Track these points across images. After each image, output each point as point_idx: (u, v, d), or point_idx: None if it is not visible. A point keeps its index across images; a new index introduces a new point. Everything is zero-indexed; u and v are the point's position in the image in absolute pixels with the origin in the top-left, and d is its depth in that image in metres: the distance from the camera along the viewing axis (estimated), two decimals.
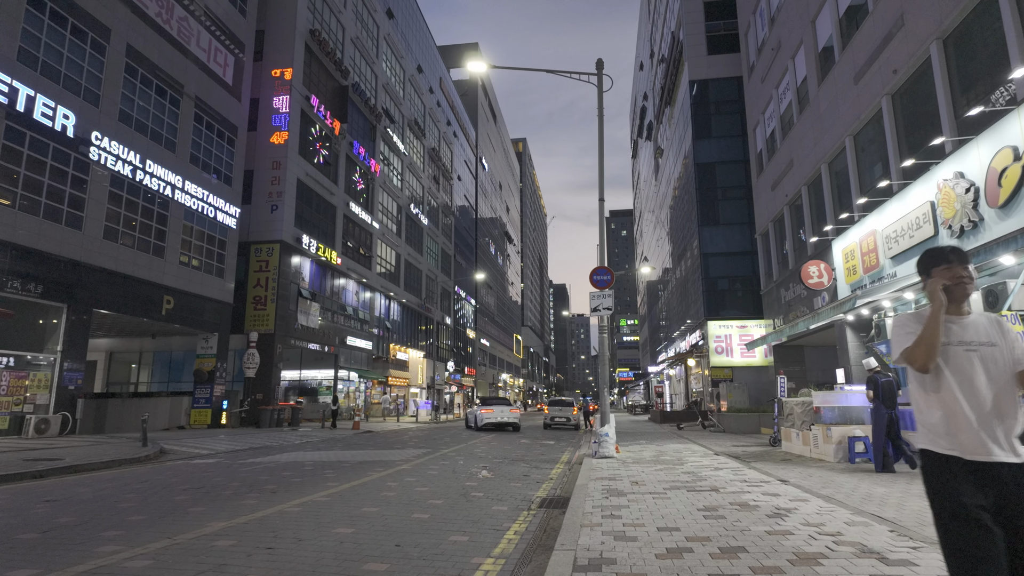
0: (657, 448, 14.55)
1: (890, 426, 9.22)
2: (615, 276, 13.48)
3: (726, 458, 11.86)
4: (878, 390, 9.39)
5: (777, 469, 9.90)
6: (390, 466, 11.49)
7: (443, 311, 55.64)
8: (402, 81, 47.01)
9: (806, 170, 17.57)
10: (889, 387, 9.42)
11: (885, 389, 9.39)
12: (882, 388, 9.42)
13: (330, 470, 10.88)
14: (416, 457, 13.22)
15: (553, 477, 10.19)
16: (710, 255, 27.41)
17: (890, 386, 9.43)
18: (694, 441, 16.93)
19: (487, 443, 17.64)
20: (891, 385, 9.45)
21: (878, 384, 9.45)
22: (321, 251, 31.17)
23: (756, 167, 23.16)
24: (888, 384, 9.46)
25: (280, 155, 29.14)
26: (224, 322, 25.62)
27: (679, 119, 32.45)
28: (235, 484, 9.04)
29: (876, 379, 9.52)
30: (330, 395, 33.79)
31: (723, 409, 23.08)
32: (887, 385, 9.43)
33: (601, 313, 13.27)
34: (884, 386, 9.43)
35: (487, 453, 14.29)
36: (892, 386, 9.44)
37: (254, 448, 16.09)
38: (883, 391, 9.39)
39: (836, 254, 15.35)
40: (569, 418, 26.23)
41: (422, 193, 50.86)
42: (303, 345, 30.00)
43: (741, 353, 25.86)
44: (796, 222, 19.20)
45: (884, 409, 9.24)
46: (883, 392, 9.38)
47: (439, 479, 9.66)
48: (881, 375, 9.60)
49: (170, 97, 22.63)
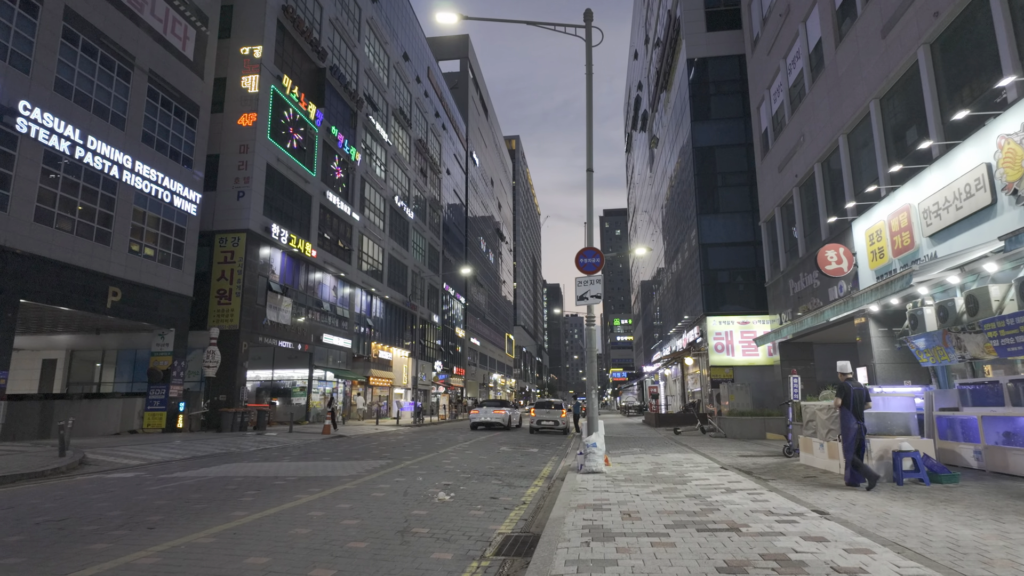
0: (653, 459, 12.60)
1: (859, 438, 8.41)
2: (605, 260, 11.52)
3: (736, 473, 9.92)
4: (848, 398, 8.56)
5: (805, 492, 7.96)
6: (332, 484, 9.49)
7: (430, 309, 53.60)
8: (386, 68, 44.97)
9: (820, 145, 15.67)
10: (860, 397, 8.57)
11: (856, 398, 8.53)
12: (852, 397, 8.55)
13: (254, 490, 8.88)
14: (371, 471, 11.22)
15: (527, 500, 8.23)
16: (709, 246, 25.49)
17: (860, 396, 8.58)
18: (694, 449, 14.99)
19: (462, 451, 15.65)
20: (861, 395, 8.60)
21: (848, 391, 8.59)
22: (294, 242, 29.10)
23: (760, 148, 21.27)
24: (859, 394, 8.59)
25: (248, 138, 27.06)
26: (182, 317, 23.52)
27: (676, 103, 30.57)
28: (115, 513, 7.03)
29: (847, 386, 8.66)
30: (304, 396, 31.79)
31: (724, 412, 21.18)
32: (858, 394, 8.57)
33: (589, 301, 11.31)
34: (855, 395, 8.56)
35: (457, 465, 12.31)
36: (862, 396, 8.59)
37: (197, 457, 14.08)
38: (853, 400, 8.53)
39: (858, 236, 13.45)
40: (557, 421, 24.27)
41: (408, 186, 48.82)
42: (273, 343, 27.92)
43: (743, 351, 23.96)
44: (808, 205, 17.31)
45: (855, 421, 8.40)
46: (853, 401, 8.53)
47: (381, 505, 7.67)
48: (853, 383, 8.72)
49: (118, 69, 20.54)
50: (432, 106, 57.33)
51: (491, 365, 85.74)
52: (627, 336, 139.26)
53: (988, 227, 8.99)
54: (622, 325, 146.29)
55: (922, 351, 10.64)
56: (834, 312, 11.70)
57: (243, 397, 25.73)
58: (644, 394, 56.97)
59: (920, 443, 8.48)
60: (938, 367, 10.96)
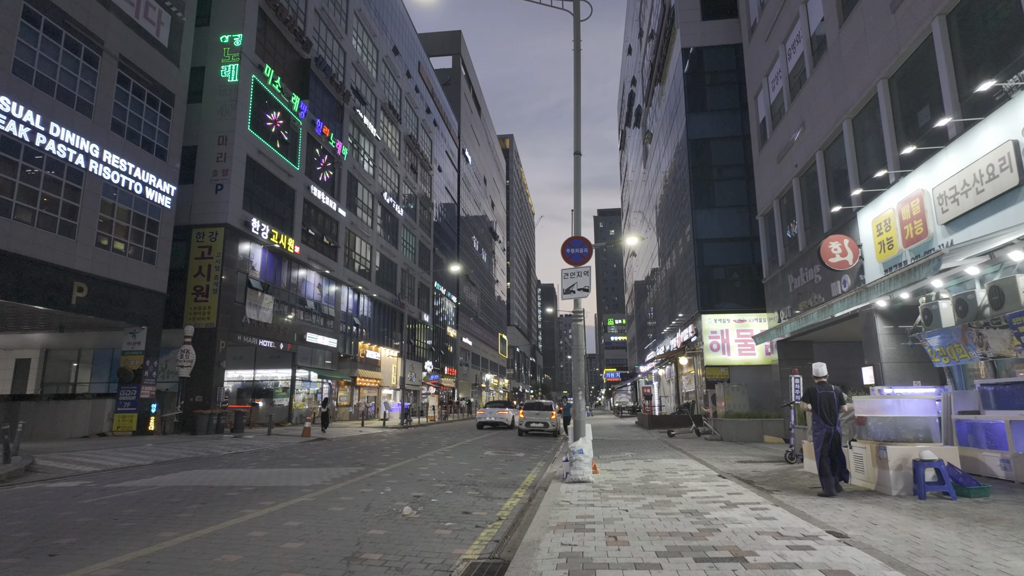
0: (645, 465, 11.71)
1: (834, 443, 8.09)
2: (593, 250, 10.63)
3: (736, 483, 9.03)
4: (816, 403, 8.32)
5: (815, 507, 7.08)
6: (289, 496, 8.55)
7: (421, 308, 52.61)
8: (375, 61, 43.96)
9: (822, 131, 14.83)
10: (828, 400, 8.30)
11: (823, 402, 8.28)
12: (820, 401, 8.30)
13: (199, 503, 7.93)
14: (337, 480, 10.28)
15: (503, 515, 7.31)
16: (704, 241, 24.62)
17: (829, 399, 8.31)
18: (689, 454, 14.11)
19: (442, 457, 14.73)
20: (830, 398, 8.32)
21: (816, 396, 8.36)
22: (276, 238, 28.09)
23: (758, 139, 20.43)
24: (827, 397, 8.32)
25: (227, 129, 26.04)
26: (155, 314, 22.50)
27: (670, 95, 29.71)
28: (23, 535, 6.08)
29: (814, 390, 8.44)
30: (287, 397, 30.79)
31: (719, 413, 20.33)
32: (825, 398, 8.30)
33: (576, 295, 10.41)
34: (822, 399, 8.30)
35: (434, 473, 11.39)
36: (832, 399, 8.31)
37: (160, 463, 13.14)
38: (820, 404, 8.29)
39: (863, 227, 12.60)
40: (547, 423, 23.34)
41: (398, 182, 47.82)
42: (253, 342, 26.91)
43: (739, 350, 23.11)
44: (808, 196, 16.47)
45: (824, 424, 8.15)
46: (820, 406, 8.29)
47: (336, 523, 6.74)
48: (821, 386, 8.45)
49: (85, 53, 19.51)
50: (423, 102, 56.33)
51: (484, 365, 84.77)
52: (621, 336, 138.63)
53: (1014, 211, 8.15)
54: (616, 325, 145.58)
55: (936, 349, 9.78)
56: (844, 305, 10.83)
57: (221, 398, 24.71)
58: (637, 395, 56.15)
59: (943, 451, 7.61)
60: (954, 366, 10.13)
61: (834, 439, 8.12)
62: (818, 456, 8.08)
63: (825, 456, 8.01)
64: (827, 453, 8.05)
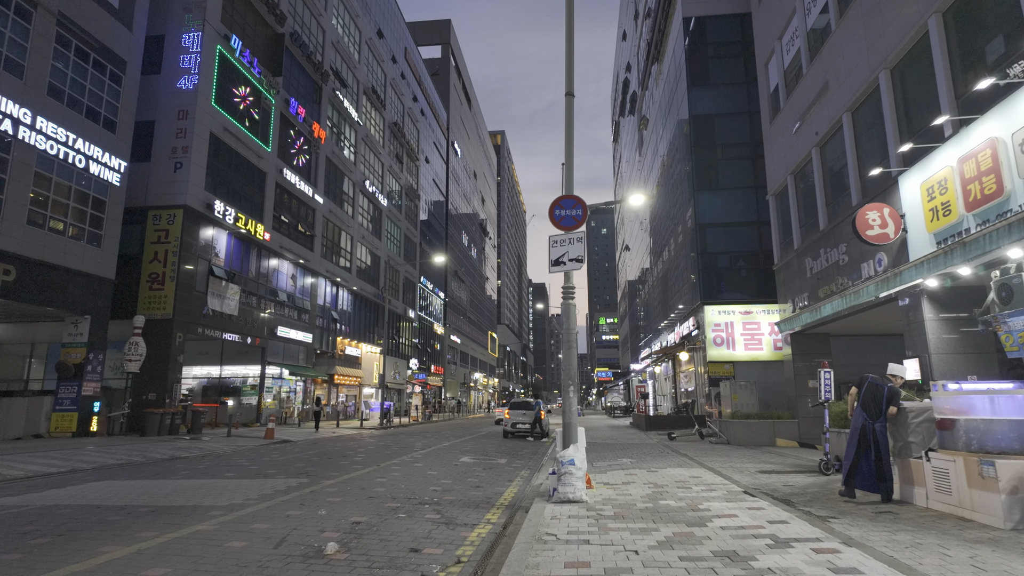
0: (650, 477, 9.69)
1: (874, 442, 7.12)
2: (587, 212, 8.60)
3: (771, 504, 7.02)
4: (861, 390, 7.49)
5: (905, 548, 5.07)
6: (189, 521, 6.48)
7: (406, 303, 50.43)
8: (357, 43, 41.76)
9: (851, 89, 12.88)
10: (874, 391, 7.35)
11: (868, 391, 7.37)
12: (866, 389, 7.43)
13: (60, 532, 5.84)
14: (266, 497, 8.21)
15: (464, 556, 5.27)
16: (708, 226, 22.64)
17: (875, 389, 7.35)
18: (699, 461, 12.11)
19: (410, 464, 12.66)
20: (877, 388, 7.35)
21: (863, 381, 7.53)
22: (243, 223, 25.88)
23: (769, 110, 18.48)
24: (874, 387, 7.37)
25: (188, 103, 23.82)
26: (101, 303, 20.28)
27: (669, 71, 27.73)
28: None
29: (865, 377, 7.60)
30: (254, 395, 28.58)
31: (725, 414, 18.39)
32: (871, 388, 7.37)
33: (567, 267, 8.38)
34: (868, 387, 7.42)
35: (392, 487, 9.32)
36: (880, 391, 7.31)
37: (76, 471, 11.01)
38: (865, 392, 7.40)
39: (908, 193, 10.64)
40: (534, 424, 21.29)
41: (381, 171, 45.63)
42: (216, 335, 24.71)
43: (745, 344, 21.17)
44: (830, 167, 14.53)
45: (862, 416, 7.30)
46: (864, 395, 7.41)
47: (221, 569, 4.67)
48: (879, 377, 7.45)
49: (16, 6, 17.30)
50: (409, 89, 54.13)
51: (473, 364, 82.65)
52: (613, 335, 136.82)
53: None
54: (608, 324, 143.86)
55: (1018, 334, 7.82)
56: (904, 278, 8.85)
57: (177, 396, 22.52)
58: (630, 394, 54.23)
59: None
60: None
61: (873, 437, 7.14)
62: (848, 450, 7.26)
63: (859, 454, 7.17)
64: (861, 451, 7.18)
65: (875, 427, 7.42)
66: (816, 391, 17.07)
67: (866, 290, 10.29)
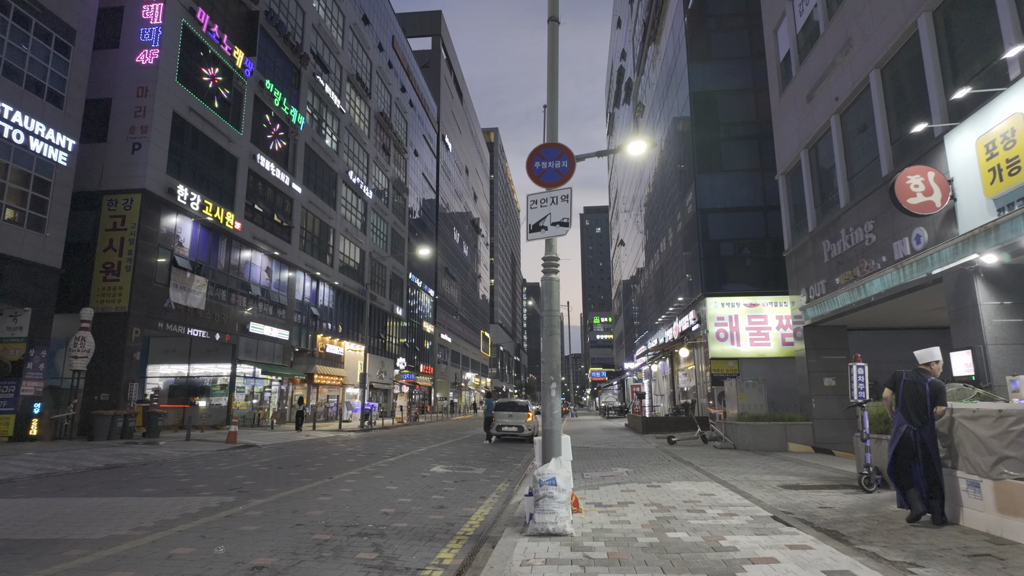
0: (652, 495, 7.96)
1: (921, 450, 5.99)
2: (575, 165, 6.88)
3: (817, 538, 5.31)
4: (897, 391, 6.31)
5: None
6: (31, 567, 4.71)
7: (393, 300, 48.59)
8: (340, 27, 39.92)
9: (880, 43, 11.21)
10: (913, 391, 6.14)
11: (906, 392, 6.19)
12: (903, 389, 6.23)
13: None
14: (168, 523, 6.44)
15: None
16: (710, 211, 20.92)
17: (915, 390, 6.14)
18: (707, 472, 10.39)
19: (369, 476, 10.89)
20: (916, 389, 6.13)
21: (898, 383, 6.32)
22: (209, 210, 24.04)
23: (779, 81, 16.80)
24: (912, 387, 6.17)
25: (148, 79, 21.97)
26: (45, 294, 18.42)
27: (667, 51, 26.03)
28: None
29: (899, 375, 6.37)
30: (225, 395, 26.73)
31: (730, 415, 16.71)
32: (910, 388, 6.18)
33: (549, 232, 6.66)
34: (906, 387, 6.22)
35: (331, 509, 7.57)
36: (920, 389, 6.10)
37: None
38: (904, 393, 6.21)
39: (957, 152, 8.96)
40: (522, 427, 19.54)
41: (367, 162, 43.78)
42: (179, 331, 22.85)
43: (751, 339, 19.49)
44: (853, 136, 12.86)
45: (903, 422, 6.14)
46: (904, 395, 6.21)
47: None
48: (914, 373, 6.24)
49: None
50: (397, 79, 52.30)
51: (464, 363, 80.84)
52: (607, 335, 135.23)
53: None
54: (602, 324, 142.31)
55: None
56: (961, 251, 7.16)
57: (133, 396, 20.67)
58: (625, 394, 52.55)
59: None
60: None
61: (922, 446, 5.98)
62: (889, 459, 6.20)
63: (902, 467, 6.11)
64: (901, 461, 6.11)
65: (922, 435, 6.05)
66: (837, 388, 15.45)
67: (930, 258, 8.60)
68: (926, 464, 5.98)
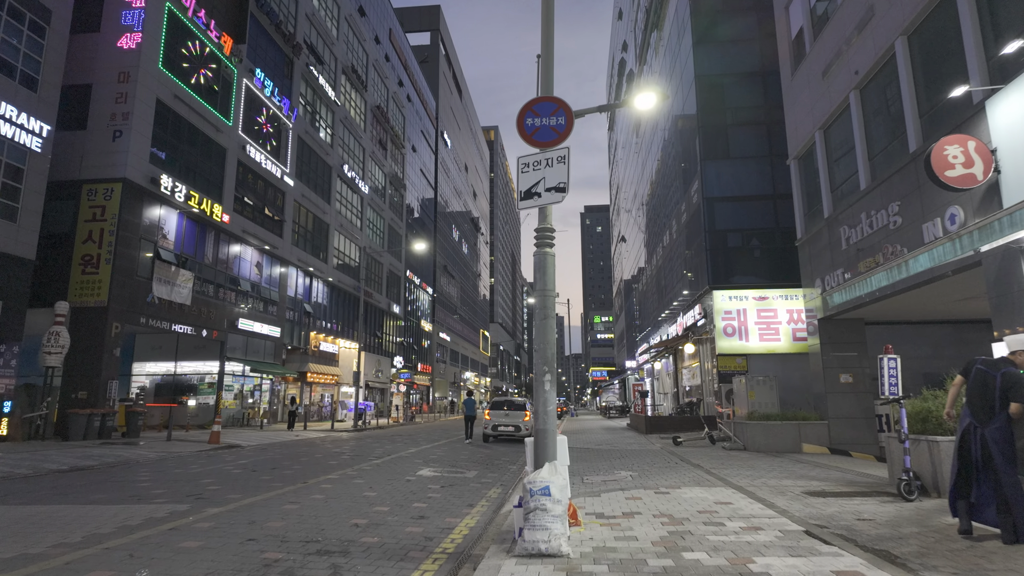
0: (661, 504, 7.02)
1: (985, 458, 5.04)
2: (573, 121, 5.95)
3: (869, 562, 4.38)
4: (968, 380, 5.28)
5: None
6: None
7: (390, 298, 47.65)
8: (335, 18, 38.99)
9: (908, 6, 10.27)
10: (982, 380, 5.15)
11: (975, 381, 5.20)
12: (973, 378, 5.25)
13: None
14: (97, 539, 5.52)
15: None
16: (716, 200, 19.96)
17: (985, 379, 5.13)
18: (720, 476, 9.45)
19: (349, 480, 9.97)
20: (987, 378, 5.11)
21: (971, 367, 5.33)
22: (195, 201, 23.12)
23: (791, 60, 15.86)
24: (982, 376, 5.16)
25: (130, 64, 21.05)
26: (18, 287, 17.53)
27: (671, 32, 25.06)
28: None
29: (973, 361, 5.37)
30: (212, 394, 25.81)
31: (739, 414, 15.77)
32: (980, 378, 5.16)
33: (543, 199, 5.73)
34: (975, 376, 5.22)
35: (295, 520, 6.65)
36: (991, 380, 5.08)
37: None
38: (970, 387, 5.25)
39: (1001, 119, 8.03)
40: (519, 426, 18.60)
41: (362, 156, 42.85)
42: (163, 326, 21.93)
43: (760, 335, 18.54)
44: (876, 111, 11.92)
45: (968, 417, 5.21)
46: (970, 388, 5.25)
47: None
48: (989, 363, 5.21)
49: None
50: (394, 73, 51.37)
51: (464, 363, 79.90)
52: (608, 334, 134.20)
53: None
54: (603, 323, 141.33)
55: None
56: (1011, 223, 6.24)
57: (112, 394, 19.76)
58: (627, 393, 51.60)
59: None
60: None
61: (983, 448, 5.08)
62: (953, 466, 5.31)
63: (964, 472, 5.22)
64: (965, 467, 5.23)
65: (984, 433, 5.12)
66: (855, 385, 14.52)
67: (968, 237, 7.67)
68: (987, 469, 5.08)
